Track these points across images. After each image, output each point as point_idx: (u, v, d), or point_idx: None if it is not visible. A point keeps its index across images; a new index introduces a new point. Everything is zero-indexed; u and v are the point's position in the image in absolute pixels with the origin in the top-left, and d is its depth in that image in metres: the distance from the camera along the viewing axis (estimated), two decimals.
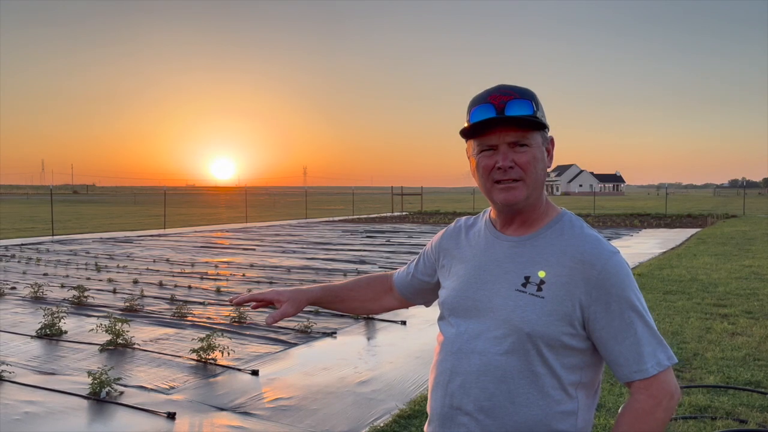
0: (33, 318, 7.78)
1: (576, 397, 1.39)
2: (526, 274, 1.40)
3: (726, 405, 4.49)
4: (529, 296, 1.37)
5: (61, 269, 12.77)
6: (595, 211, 36.90)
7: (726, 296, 8.85)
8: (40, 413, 4.59)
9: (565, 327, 1.36)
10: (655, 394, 1.34)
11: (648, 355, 1.35)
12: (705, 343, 6.24)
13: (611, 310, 1.35)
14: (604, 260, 1.37)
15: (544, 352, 1.36)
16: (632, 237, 20.63)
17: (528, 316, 1.36)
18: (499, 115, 1.38)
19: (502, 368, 1.37)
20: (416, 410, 4.52)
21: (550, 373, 1.37)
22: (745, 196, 45.66)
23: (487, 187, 1.44)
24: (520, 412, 1.36)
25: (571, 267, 1.37)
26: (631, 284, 1.38)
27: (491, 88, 1.44)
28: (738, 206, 42.36)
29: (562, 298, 1.36)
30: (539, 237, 1.44)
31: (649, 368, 1.35)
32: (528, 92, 1.42)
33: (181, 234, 22.67)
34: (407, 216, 34.66)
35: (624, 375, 1.37)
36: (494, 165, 1.40)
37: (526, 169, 1.39)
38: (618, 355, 1.36)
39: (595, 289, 1.36)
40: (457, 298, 1.49)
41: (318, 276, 11.63)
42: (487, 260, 1.47)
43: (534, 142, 1.41)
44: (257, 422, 4.42)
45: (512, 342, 1.37)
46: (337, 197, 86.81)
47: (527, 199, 1.42)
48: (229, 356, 5.93)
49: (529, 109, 1.39)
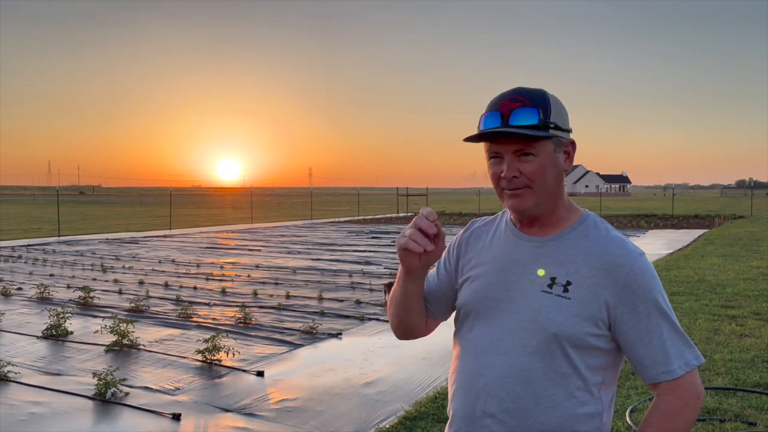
0: (39, 318, 7.80)
1: (600, 398, 1.39)
2: (552, 275, 1.39)
3: (735, 407, 4.45)
4: (555, 297, 1.36)
5: (68, 270, 12.80)
6: (602, 212, 36.75)
7: (734, 297, 8.79)
8: (45, 414, 4.59)
9: (591, 328, 1.35)
10: (682, 395, 1.34)
11: (675, 356, 1.35)
12: (713, 344, 6.19)
13: (638, 312, 1.35)
14: (632, 262, 1.36)
15: (570, 353, 1.35)
16: (639, 238, 20.53)
17: (554, 317, 1.35)
18: (504, 123, 1.37)
19: (528, 369, 1.36)
20: (422, 412, 4.50)
21: (575, 374, 1.36)
22: (753, 197, 45.47)
23: (498, 193, 1.45)
24: (546, 413, 1.35)
25: (598, 268, 1.37)
26: (658, 285, 1.38)
27: (507, 91, 1.41)
28: (745, 207, 42.16)
29: (589, 300, 1.35)
30: (563, 238, 1.43)
31: (677, 369, 1.34)
32: (541, 99, 1.38)
33: (186, 235, 22.72)
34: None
35: (651, 376, 1.36)
36: (500, 173, 1.40)
37: (532, 179, 1.37)
38: (645, 357, 1.36)
39: (622, 290, 1.35)
40: (479, 299, 1.47)
41: (323, 277, 11.61)
42: (510, 261, 1.46)
43: (542, 150, 1.37)
44: (262, 423, 4.40)
45: (538, 343, 1.36)
46: (343, 198, 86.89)
47: (537, 206, 1.40)
48: (234, 357, 5.92)
49: (534, 118, 1.35)
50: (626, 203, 60.76)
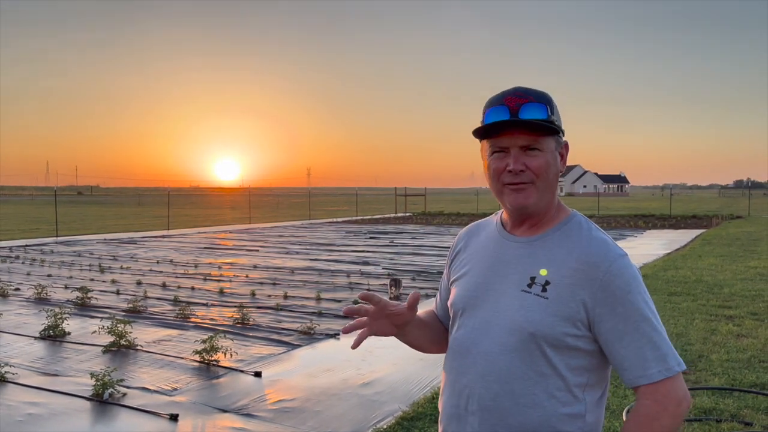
0: (36, 319, 7.79)
1: (583, 399, 1.38)
2: (532, 275, 1.40)
3: (731, 407, 4.46)
4: (534, 296, 1.37)
5: (65, 270, 12.79)
6: (600, 212, 36.80)
7: (731, 297, 8.81)
8: (43, 414, 4.59)
9: (569, 328, 1.35)
10: (660, 400, 1.32)
11: (653, 360, 1.33)
12: (710, 344, 6.20)
13: (617, 313, 1.34)
14: (609, 262, 1.36)
15: (548, 352, 1.36)
16: (637, 238, 20.57)
17: (532, 316, 1.36)
18: (513, 117, 1.38)
19: (507, 368, 1.37)
20: (419, 412, 4.50)
21: (555, 374, 1.36)
22: (750, 197, 45.51)
23: (497, 189, 1.44)
24: (525, 412, 1.36)
25: (576, 268, 1.37)
26: (638, 287, 1.36)
27: (508, 89, 1.43)
28: (743, 207, 42.20)
29: (567, 299, 1.35)
30: (547, 238, 1.44)
31: (654, 374, 1.33)
32: (544, 96, 1.42)
33: (184, 235, 22.70)
34: (411, 217, 34.60)
35: (629, 379, 1.36)
36: (505, 167, 1.40)
37: (537, 173, 1.39)
38: (623, 359, 1.35)
39: (600, 291, 1.35)
40: (465, 299, 1.49)
41: (321, 277, 11.62)
42: (496, 261, 1.47)
43: (547, 146, 1.40)
44: (260, 424, 4.41)
45: (516, 342, 1.37)
46: (341, 198, 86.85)
47: (538, 203, 1.42)
48: (231, 358, 5.92)
49: (543, 113, 1.38)
50: (624, 203, 60.82)
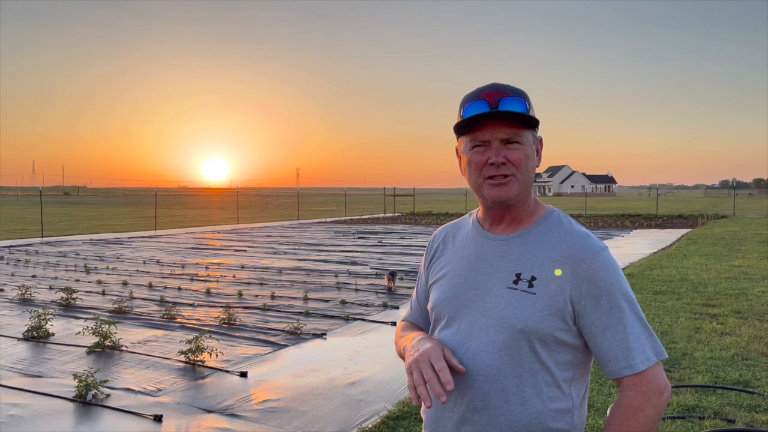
0: (20, 320, 7.71)
1: (570, 394, 1.39)
2: (517, 272, 1.40)
3: (714, 405, 4.49)
4: (521, 293, 1.37)
5: (50, 271, 12.67)
6: (587, 212, 37.01)
7: (715, 296, 8.88)
8: (25, 416, 4.54)
9: (558, 322, 1.36)
10: (644, 391, 1.33)
11: (637, 350, 1.34)
12: (694, 342, 6.25)
13: (600, 305, 1.35)
14: (594, 255, 1.38)
15: (538, 348, 1.36)
16: (623, 237, 20.69)
17: (520, 312, 1.36)
18: (493, 110, 1.39)
19: (496, 367, 1.37)
20: (405, 411, 4.50)
21: (544, 370, 1.37)
22: (736, 197, 45.96)
23: (478, 183, 1.44)
24: (516, 410, 1.36)
25: (562, 262, 1.38)
26: (621, 279, 1.38)
27: (484, 86, 1.44)
28: (728, 207, 42.61)
29: (554, 294, 1.36)
30: (528, 234, 1.44)
31: (638, 363, 1.34)
32: (521, 91, 1.43)
33: (172, 235, 22.56)
34: (399, 217, 34.64)
35: (613, 371, 1.36)
36: (486, 161, 1.40)
37: (518, 166, 1.40)
38: (607, 351, 1.36)
39: (585, 283, 1.36)
40: (448, 299, 1.48)
41: (309, 277, 11.59)
42: (477, 260, 1.47)
43: (526, 140, 1.41)
44: (245, 424, 4.39)
45: (505, 340, 1.37)
46: (330, 198, 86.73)
47: (518, 195, 1.42)
48: (217, 358, 5.89)
49: (522, 106, 1.40)
50: (612, 203, 61.19)
